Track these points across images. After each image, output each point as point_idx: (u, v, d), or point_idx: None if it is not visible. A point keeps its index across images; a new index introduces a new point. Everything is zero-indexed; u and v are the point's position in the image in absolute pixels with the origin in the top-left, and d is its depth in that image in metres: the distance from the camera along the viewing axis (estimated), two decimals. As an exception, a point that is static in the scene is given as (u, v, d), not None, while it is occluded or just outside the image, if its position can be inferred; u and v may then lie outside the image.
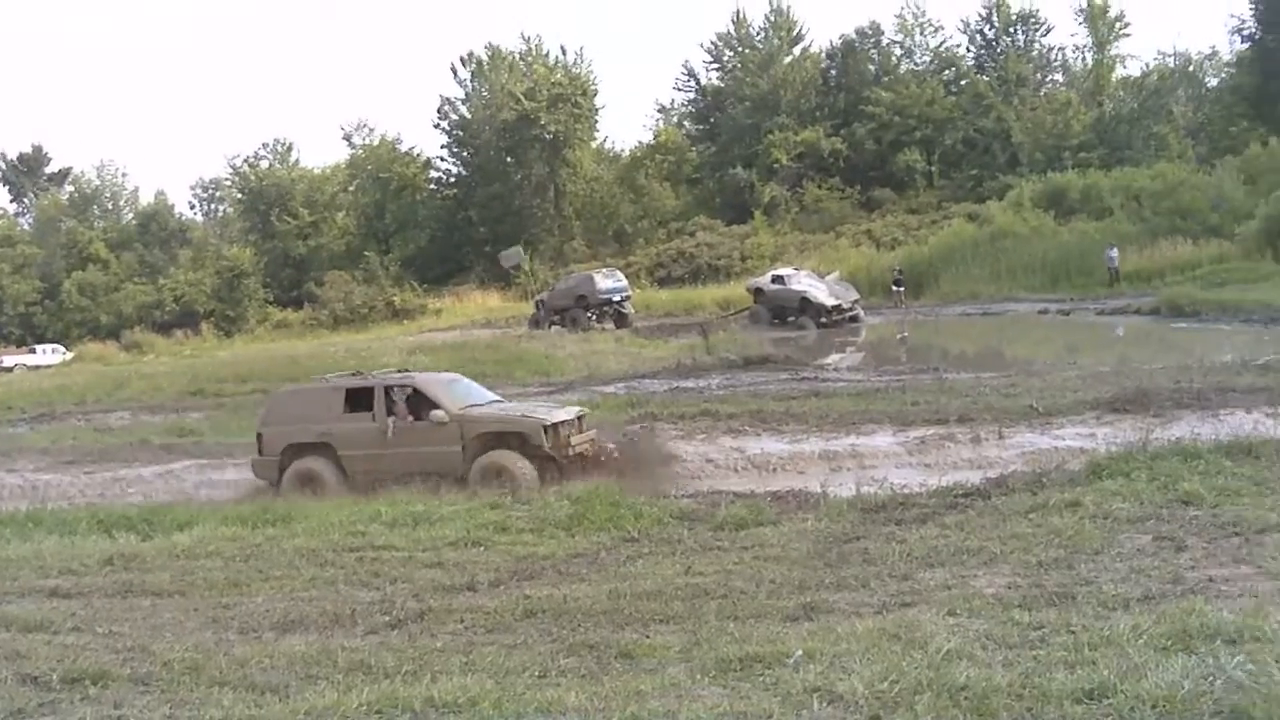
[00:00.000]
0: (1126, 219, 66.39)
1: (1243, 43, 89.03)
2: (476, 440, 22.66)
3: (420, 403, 23.45)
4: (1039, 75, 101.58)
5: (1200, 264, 57.03)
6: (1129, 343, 41.48)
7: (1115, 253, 60.25)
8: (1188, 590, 10.69)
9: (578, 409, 24.35)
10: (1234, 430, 19.34)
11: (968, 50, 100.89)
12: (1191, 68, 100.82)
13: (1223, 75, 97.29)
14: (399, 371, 26.80)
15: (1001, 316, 55.49)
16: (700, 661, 9.49)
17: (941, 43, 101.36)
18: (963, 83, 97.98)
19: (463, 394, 24.34)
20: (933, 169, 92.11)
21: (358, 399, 23.90)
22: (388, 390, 23.74)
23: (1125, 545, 12.66)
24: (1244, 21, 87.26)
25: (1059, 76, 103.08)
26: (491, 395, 25.43)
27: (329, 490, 22.64)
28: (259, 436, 24.28)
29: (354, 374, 26.18)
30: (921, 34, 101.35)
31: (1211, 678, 7.67)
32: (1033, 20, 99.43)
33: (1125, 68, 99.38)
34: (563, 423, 22.73)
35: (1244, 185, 65.08)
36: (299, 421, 23.95)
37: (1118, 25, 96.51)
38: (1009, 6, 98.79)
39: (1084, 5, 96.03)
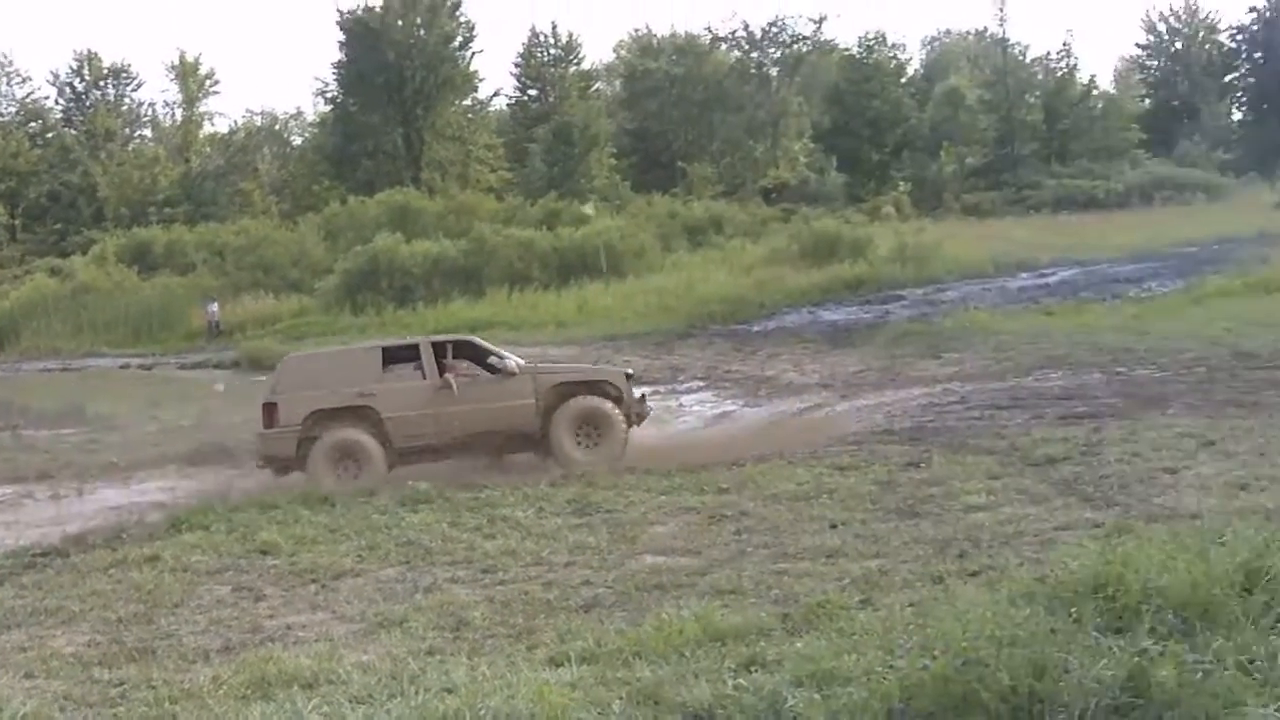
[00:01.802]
0: (210, 274, 66.70)
1: (326, 105, 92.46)
2: (552, 392, 20.57)
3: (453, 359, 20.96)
4: (129, 130, 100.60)
5: (281, 318, 58.08)
6: (212, 397, 41.53)
7: (216, 307, 60.01)
8: (267, 638, 10.82)
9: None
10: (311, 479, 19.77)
11: (57, 103, 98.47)
12: (278, 127, 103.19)
13: (307, 135, 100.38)
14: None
15: (84, 372, 54.03)
16: None
17: (29, 94, 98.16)
18: (49, 135, 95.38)
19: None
20: (16, 223, 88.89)
21: (399, 356, 21.19)
22: (436, 346, 21.04)
23: (205, 597, 12.67)
24: (328, 85, 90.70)
25: (148, 132, 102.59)
26: None
27: (374, 464, 19.76)
28: (270, 407, 20.19)
29: None
30: (8, 84, 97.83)
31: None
32: (124, 75, 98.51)
33: (214, 125, 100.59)
34: (631, 376, 21.25)
35: (324, 241, 67.18)
36: (327, 385, 20.34)
37: (208, 83, 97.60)
38: (100, 60, 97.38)
39: (175, 62, 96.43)
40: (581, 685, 8.37)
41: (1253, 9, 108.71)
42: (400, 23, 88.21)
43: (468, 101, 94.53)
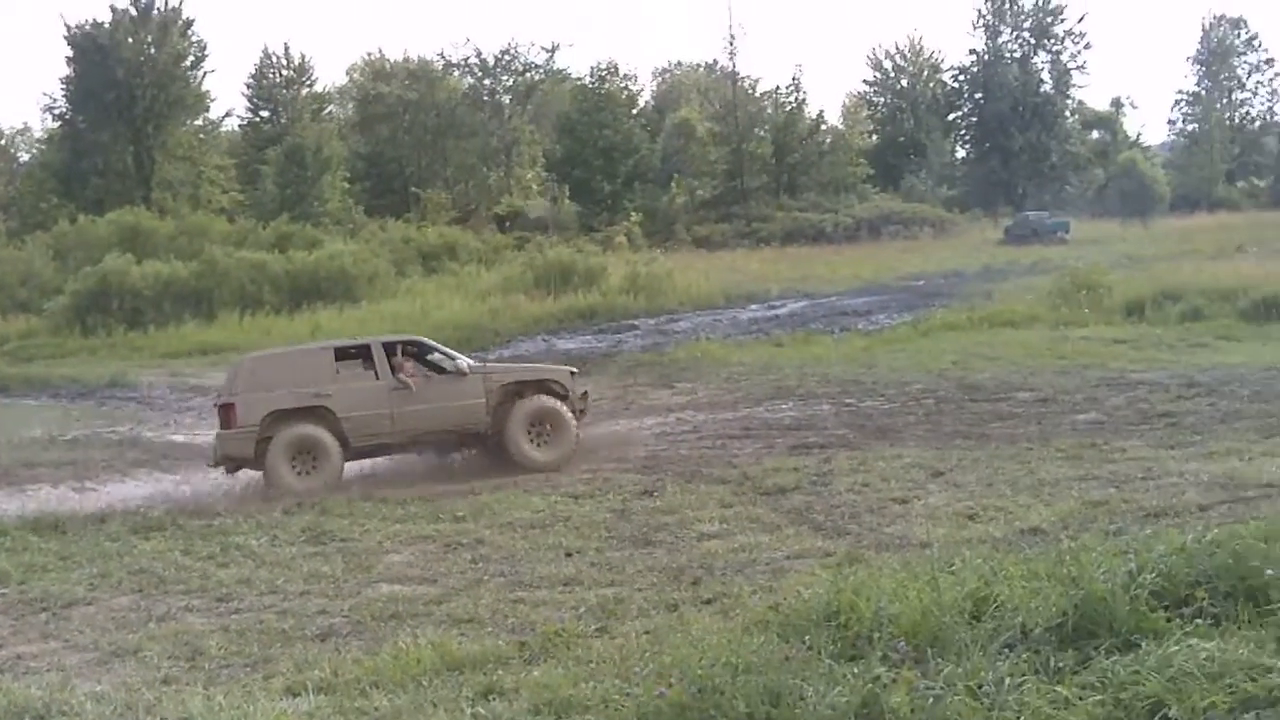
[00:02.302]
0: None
1: (54, 122, 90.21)
2: (499, 391, 21.35)
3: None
4: None
5: (9, 339, 56.22)
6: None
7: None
8: (-3, 669, 10.53)
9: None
10: (41, 505, 19.24)
11: None
12: (4, 142, 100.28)
13: (35, 151, 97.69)
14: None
15: None
16: None
17: None
18: None
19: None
20: None
21: (352, 357, 21.67)
22: (386, 346, 21.60)
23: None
24: (56, 101, 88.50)
25: None
26: None
27: (331, 460, 20.26)
28: (228, 408, 20.39)
29: None
30: None
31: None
32: None
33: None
34: (575, 374, 22.58)
35: (53, 261, 65.34)
36: (283, 385, 20.57)
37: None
38: None
39: None
40: (318, 715, 8.40)
41: (973, 51, 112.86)
42: (130, 40, 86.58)
43: (199, 121, 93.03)
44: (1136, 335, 34.41)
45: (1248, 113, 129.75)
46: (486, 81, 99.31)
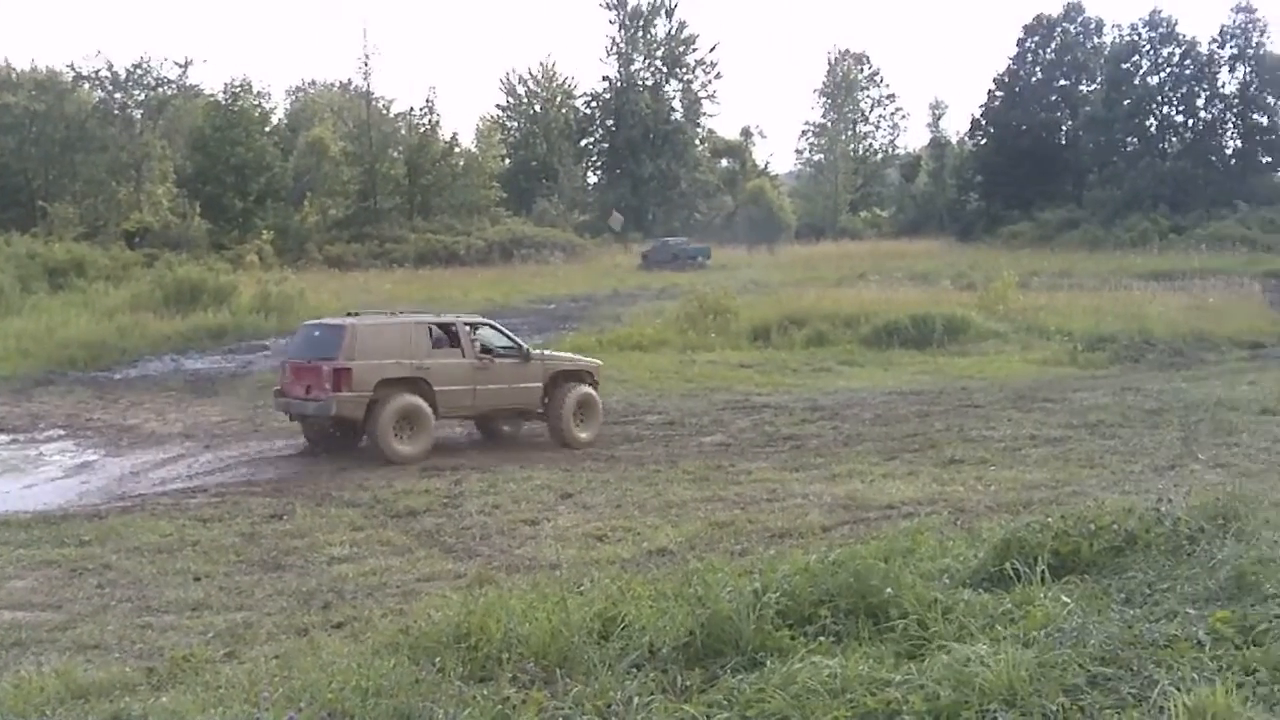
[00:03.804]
0: None
1: None
2: (553, 377, 23.94)
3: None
4: None
5: None
6: None
7: None
8: None
9: None
10: None
11: None
12: None
13: None
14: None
15: None
16: None
17: None
18: None
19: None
20: None
21: (441, 334, 23.45)
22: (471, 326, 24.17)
23: None
24: None
25: None
26: None
27: (428, 429, 22.40)
28: (344, 372, 21.81)
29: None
30: None
31: None
32: None
33: None
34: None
35: None
36: (390, 355, 22.36)
37: None
38: None
39: None
40: (-69, 752, 8.01)
41: (606, 78, 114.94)
42: None
43: None
44: (762, 359, 35.44)
45: (870, 145, 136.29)
46: (117, 95, 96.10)
